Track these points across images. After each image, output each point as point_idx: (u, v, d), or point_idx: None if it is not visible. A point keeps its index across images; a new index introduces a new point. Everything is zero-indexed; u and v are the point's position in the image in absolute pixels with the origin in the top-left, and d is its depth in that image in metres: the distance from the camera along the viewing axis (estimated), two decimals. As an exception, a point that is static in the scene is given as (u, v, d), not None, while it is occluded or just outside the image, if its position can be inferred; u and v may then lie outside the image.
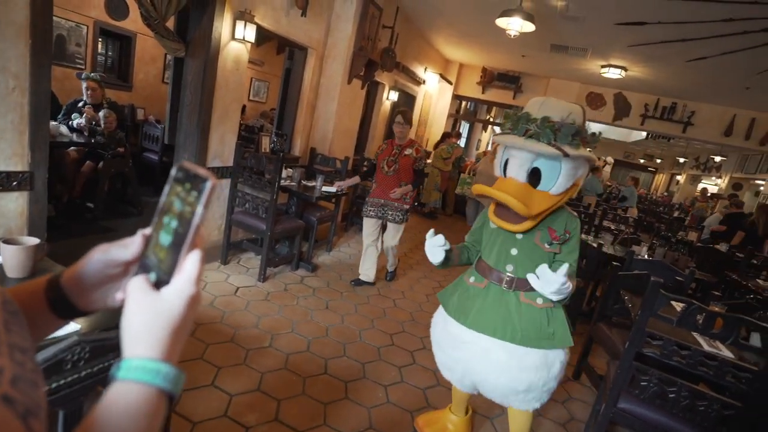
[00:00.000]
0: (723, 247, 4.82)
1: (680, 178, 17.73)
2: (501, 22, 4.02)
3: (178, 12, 2.72)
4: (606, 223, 5.33)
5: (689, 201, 13.25)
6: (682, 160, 16.53)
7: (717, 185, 13.52)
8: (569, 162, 1.42)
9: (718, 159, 13.01)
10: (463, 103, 9.71)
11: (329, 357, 2.45)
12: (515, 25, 3.97)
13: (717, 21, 3.63)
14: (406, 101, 6.95)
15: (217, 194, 3.35)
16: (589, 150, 1.49)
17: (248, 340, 2.44)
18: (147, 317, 0.39)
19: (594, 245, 3.32)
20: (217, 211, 3.43)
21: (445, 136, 7.19)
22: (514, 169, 1.50)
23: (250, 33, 3.10)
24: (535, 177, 1.48)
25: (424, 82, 7.05)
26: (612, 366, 2.02)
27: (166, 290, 0.40)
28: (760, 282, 4.04)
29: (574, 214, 1.61)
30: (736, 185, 11.76)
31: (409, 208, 3.45)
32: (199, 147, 3.09)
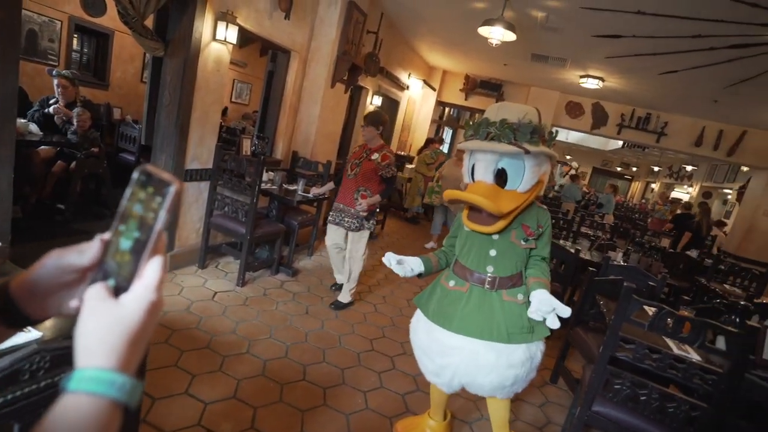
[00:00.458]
0: (694, 253, 4.99)
1: (655, 186, 18.33)
2: (483, 30, 4.09)
3: (157, 10, 2.67)
4: (584, 229, 5.46)
5: (651, 204, 13.79)
6: (656, 168, 17.12)
7: (689, 193, 14.03)
8: (531, 159, 1.51)
9: (689, 168, 13.51)
10: (447, 109, 9.81)
11: (308, 363, 2.42)
12: (497, 34, 4.04)
13: (686, 37, 3.79)
14: (390, 106, 6.98)
15: (195, 198, 3.30)
16: (548, 147, 1.56)
17: (225, 347, 2.39)
18: (102, 325, 0.37)
19: (572, 251, 3.39)
20: (196, 214, 3.36)
21: (429, 142, 7.25)
22: (481, 172, 1.58)
23: (231, 34, 3.07)
24: (502, 178, 1.56)
25: (407, 87, 7.10)
26: (587, 370, 2.05)
27: (125, 297, 0.39)
28: (727, 287, 4.20)
29: (544, 207, 1.68)
30: (706, 193, 12.23)
31: (368, 217, 3.10)
32: (178, 148, 3.02)
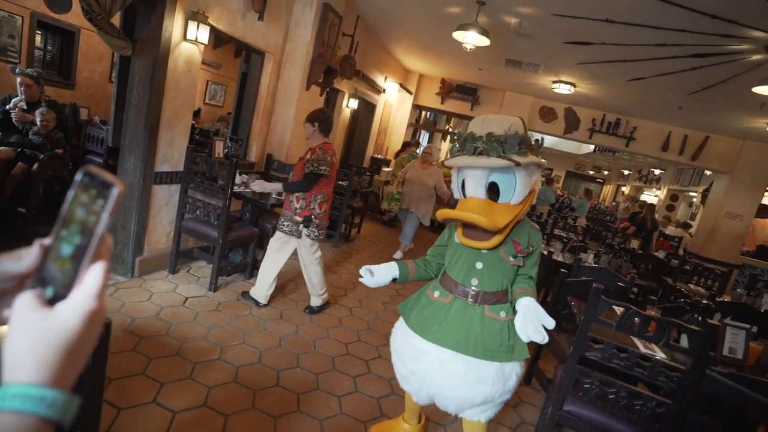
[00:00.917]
0: (661, 254, 5.17)
1: (625, 189, 18.94)
2: (458, 35, 4.14)
3: (125, 8, 2.59)
4: (557, 232, 5.58)
5: (615, 204, 14.35)
6: (626, 172, 17.69)
7: (657, 196, 14.56)
8: (522, 170, 1.47)
9: (657, 172, 14.03)
10: (423, 113, 9.89)
11: (282, 368, 2.38)
12: (471, 39, 4.10)
13: (651, 45, 3.94)
14: (366, 109, 6.98)
15: (165, 201, 3.20)
16: (536, 155, 1.53)
17: (196, 353, 2.32)
18: (33, 337, 0.35)
19: (545, 253, 3.46)
20: (166, 217, 3.27)
21: (406, 146, 7.30)
22: (473, 188, 1.53)
23: (203, 34, 3.00)
24: (494, 192, 1.51)
25: (384, 90, 7.12)
26: (559, 370, 2.09)
27: (60, 306, 0.36)
28: (692, 286, 4.37)
29: (536, 227, 1.64)
30: (673, 196, 12.73)
31: (305, 223, 2.84)
32: (147, 150, 2.93)
